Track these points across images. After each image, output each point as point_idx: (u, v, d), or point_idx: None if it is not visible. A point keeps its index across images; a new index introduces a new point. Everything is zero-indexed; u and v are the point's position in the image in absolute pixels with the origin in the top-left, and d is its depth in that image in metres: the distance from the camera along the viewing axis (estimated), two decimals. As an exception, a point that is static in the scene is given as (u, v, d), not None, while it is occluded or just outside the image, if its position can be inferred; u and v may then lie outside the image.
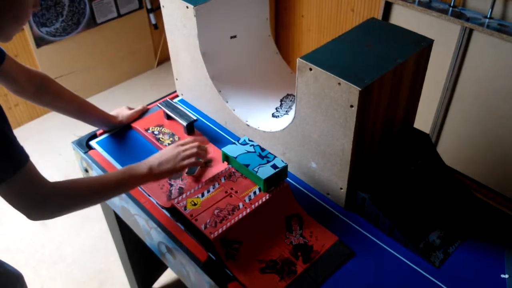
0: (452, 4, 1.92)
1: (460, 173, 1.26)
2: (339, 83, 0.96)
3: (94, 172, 1.32)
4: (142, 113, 1.46)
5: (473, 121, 1.95)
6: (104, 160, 1.30)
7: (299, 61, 1.03)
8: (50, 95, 1.24)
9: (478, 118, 1.92)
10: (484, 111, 1.89)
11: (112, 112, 1.43)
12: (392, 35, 1.09)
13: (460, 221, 1.10)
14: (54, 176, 2.46)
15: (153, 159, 1.09)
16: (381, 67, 0.98)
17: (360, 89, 0.93)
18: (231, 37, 1.41)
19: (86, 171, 1.38)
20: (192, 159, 1.12)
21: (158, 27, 3.19)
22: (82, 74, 3.00)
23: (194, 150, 1.13)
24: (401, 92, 1.07)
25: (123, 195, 1.21)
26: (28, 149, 0.92)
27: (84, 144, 1.37)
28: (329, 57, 1.03)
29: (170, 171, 1.09)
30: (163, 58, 3.36)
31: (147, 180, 1.08)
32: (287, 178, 1.17)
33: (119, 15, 2.98)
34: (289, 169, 1.23)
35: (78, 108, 1.30)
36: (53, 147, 2.65)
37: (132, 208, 1.20)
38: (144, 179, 1.07)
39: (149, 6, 3.08)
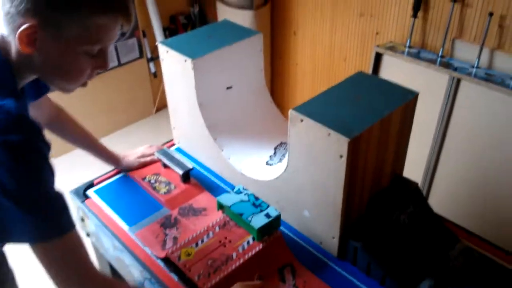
0: (440, 55, 1.99)
1: (451, 221, 1.27)
2: (329, 134, 1.00)
3: (90, 222, 1.34)
4: (147, 164, 1.49)
5: (464, 169, 1.97)
6: (100, 210, 1.32)
7: (290, 112, 1.07)
8: (60, 126, 1.35)
9: (469, 166, 1.95)
10: (475, 159, 1.92)
11: (124, 152, 1.49)
12: (379, 88, 1.14)
13: (450, 270, 1.10)
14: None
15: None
16: (369, 119, 1.02)
17: (349, 139, 0.96)
18: (227, 88, 1.46)
19: (82, 220, 1.39)
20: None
21: (157, 76, 3.28)
22: (81, 121, 3.03)
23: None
24: (389, 142, 1.11)
25: (118, 245, 1.22)
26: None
27: (81, 193, 1.39)
28: (319, 109, 1.07)
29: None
30: (162, 105, 3.43)
31: None
32: (281, 227, 1.18)
33: (120, 64, 3.06)
34: (282, 217, 1.25)
35: (85, 142, 1.41)
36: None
37: (126, 258, 1.20)
38: None
39: (149, 56, 3.18)
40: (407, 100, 1.09)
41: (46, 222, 0.84)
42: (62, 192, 0.87)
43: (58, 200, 0.86)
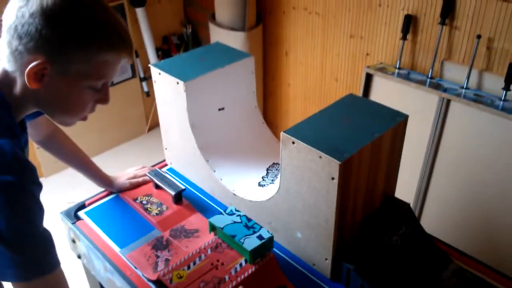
0: (429, 76, 2.02)
1: (443, 242, 1.28)
2: (320, 157, 1.01)
3: (82, 244, 1.32)
4: (139, 185, 1.48)
5: (455, 190, 1.99)
6: (92, 232, 1.31)
7: (282, 135, 1.08)
8: (55, 145, 1.36)
9: (460, 186, 1.97)
10: (466, 179, 1.94)
11: (116, 174, 1.49)
12: (369, 110, 1.15)
13: (444, 292, 1.11)
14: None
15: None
16: (360, 141, 1.03)
17: (340, 162, 0.97)
18: (219, 109, 1.47)
19: (74, 241, 1.38)
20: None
21: (150, 95, 3.29)
22: (74, 139, 3.02)
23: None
24: (380, 164, 1.12)
25: (108, 266, 1.21)
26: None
27: (72, 215, 1.38)
28: (311, 131, 1.08)
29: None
30: (154, 124, 3.44)
31: None
32: (273, 249, 1.18)
33: (112, 84, 3.07)
34: (275, 239, 1.25)
35: (79, 163, 1.41)
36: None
37: (117, 280, 1.19)
38: None
39: (142, 75, 3.20)
40: (397, 122, 1.10)
41: (30, 262, 0.83)
42: (49, 231, 0.87)
43: (45, 240, 0.85)
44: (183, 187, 1.39)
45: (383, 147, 1.09)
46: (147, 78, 3.22)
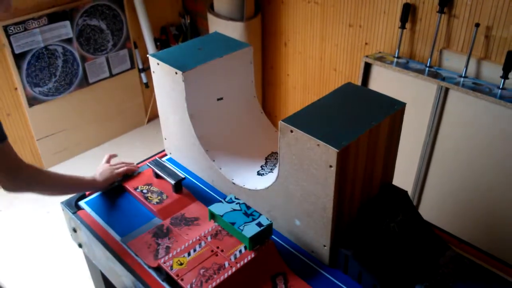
0: (428, 65, 2.03)
1: (442, 229, 1.29)
2: (318, 145, 1.02)
3: (83, 233, 1.34)
4: (126, 175, 1.47)
5: (453, 177, 2.00)
6: (93, 221, 1.32)
7: (280, 123, 1.09)
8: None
9: (458, 173, 1.98)
10: (463, 167, 1.95)
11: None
12: (367, 98, 1.16)
13: (440, 277, 1.12)
14: (42, 236, 2.45)
15: (95, 174, 1.41)
16: (357, 130, 1.04)
17: (338, 150, 0.98)
18: (218, 99, 1.47)
19: (75, 231, 1.39)
20: (124, 169, 1.45)
21: (149, 86, 3.29)
22: (73, 132, 3.05)
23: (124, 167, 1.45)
24: (377, 152, 1.13)
25: (110, 255, 1.22)
26: (16, 207, 0.96)
27: (73, 204, 1.39)
28: (309, 120, 1.09)
29: (109, 178, 1.41)
30: (153, 115, 3.44)
31: (94, 186, 1.41)
32: (272, 236, 1.19)
33: (111, 75, 3.07)
34: (274, 227, 1.26)
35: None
36: (42, 205, 2.65)
37: (119, 268, 1.21)
38: (92, 185, 1.40)
39: (140, 66, 3.20)
40: (394, 111, 1.11)
41: None
42: None
43: None
44: (183, 176, 1.40)
45: (380, 135, 1.10)
46: (146, 69, 3.21)
